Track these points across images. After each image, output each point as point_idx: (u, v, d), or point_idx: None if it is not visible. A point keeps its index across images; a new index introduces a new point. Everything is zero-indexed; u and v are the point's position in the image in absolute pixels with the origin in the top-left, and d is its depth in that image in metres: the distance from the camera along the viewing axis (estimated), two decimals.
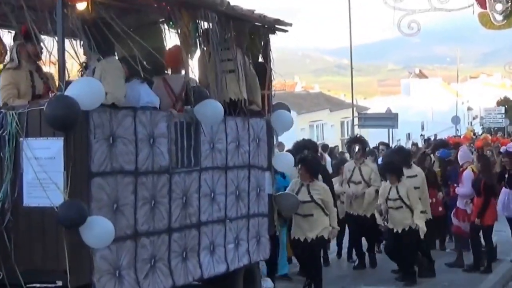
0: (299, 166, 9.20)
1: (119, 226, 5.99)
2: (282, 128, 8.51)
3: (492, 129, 53.83)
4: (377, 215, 10.52)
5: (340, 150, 26.81)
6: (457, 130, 48.73)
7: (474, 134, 36.99)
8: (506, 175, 11.71)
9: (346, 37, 38.24)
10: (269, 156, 8.36)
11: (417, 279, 10.35)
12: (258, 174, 8.13)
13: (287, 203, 8.65)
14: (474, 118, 77.25)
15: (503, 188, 11.71)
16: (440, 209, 12.27)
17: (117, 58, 6.82)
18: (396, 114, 36.29)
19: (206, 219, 7.22)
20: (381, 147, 16.53)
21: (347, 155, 14.52)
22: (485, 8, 10.89)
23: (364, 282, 10.56)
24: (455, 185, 12.15)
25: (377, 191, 11.00)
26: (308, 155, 9.59)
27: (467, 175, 11.59)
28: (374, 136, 38.62)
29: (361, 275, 11.10)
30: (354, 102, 44.07)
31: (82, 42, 6.42)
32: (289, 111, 8.80)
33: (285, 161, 8.63)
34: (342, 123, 54.85)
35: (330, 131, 53.68)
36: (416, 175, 11.08)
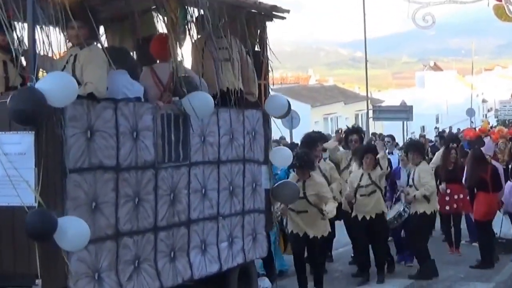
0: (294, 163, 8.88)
1: (98, 225, 5.62)
2: (276, 112, 8.05)
3: (506, 121, 53.31)
4: (345, 203, 10.17)
5: None
6: (472, 122, 48.37)
7: (491, 126, 36.49)
8: (510, 167, 11.48)
9: (360, 30, 38.01)
10: (266, 149, 7.96)
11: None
12: (254, 168, 7.73)
13: (287, 192, 8.22)
14: (489, 111, 76.67)
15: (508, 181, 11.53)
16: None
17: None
18: (411, 107, 36.26)
19: (196, 216, 6.83)
20: (386, 139, 16.25)
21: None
22: (500, 1, 10.96)
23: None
24: None
25: None
26: (301, 152, 9.18)
27: None
28: (388, 129, 38.39)
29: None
30: (369, 95, 43.92)
31: (65, 29, 6.03)
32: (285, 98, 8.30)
33: (282, 156, 8.21)
34: (356, 116, 55.00)
35: (345, 123, 53.60)
36: None
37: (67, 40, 6.19)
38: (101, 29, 8.47)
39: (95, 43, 6.28)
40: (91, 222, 5.51)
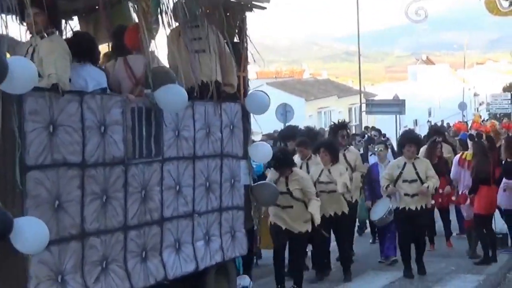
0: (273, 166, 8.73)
1: (62, 225, 5.33)
2: (257, 110, 7.74)
3: (498, 115, 53.39)
4: None
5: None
6: (464, 116, 48.51)
7: (482, 120, 36.59)
8: (504, 163, 11.32)
9: (354, 24, 38.12)
10: (245, 144, 7.66)
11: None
12: (232, 163, 7.44)
13: (265, 194, 7.96)
14: (480, 104, 76.88)
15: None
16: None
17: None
18: (403, 101, 36.63)
19: (170, 214, 6.53)
20: (373, 132, 16.06)
21: None
22: None
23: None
24: None
25: (362, 176, 10.86)
26: (277, 152, 8.90)
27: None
28: (381, 122, 38.46)
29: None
30: (362, 89, 44.09)
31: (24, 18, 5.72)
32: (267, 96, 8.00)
33: (262, 151, 7.92)
34: (350, 110, 55.30)
35: (338, 117, 53.73)
36: None
37: (27, 31, 5.86)
38: (75, 19, 8.29)
39: (57, 33, 5.93)
40: (54, 222, 5.23)
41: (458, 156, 11.98)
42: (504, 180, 11.04)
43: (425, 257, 10.55)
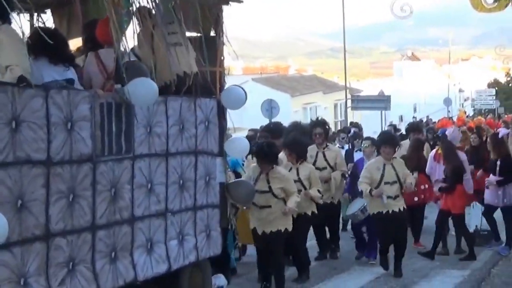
0: (255, 154, 8.48)
1: (25, 225, 5.09)
2: (233, 105, 7.52)
3: (483, 111, 53.59)
4: None
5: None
6: (449, 111, 48.69)
7: (467, 116, 36.74)
8: (499, 163, 11.35)
9: (339, 20, 38.06)
10: (221, 140, 7.44)
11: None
12: (207, 160, 7.22)
13: (242, 192, 7.75)
14: (465, 100, 77.25)
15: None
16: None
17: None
18: (389, 96, 36.97)
19: (141, 213, 6.31)
20: (353, 129, 16.00)
21: None
22: None
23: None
24: None
25: (343, 175, 10.65)
26: (263, 141, 8.72)
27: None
28: (367, 118, 38.57)
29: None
30: (347, 85, 44.13)
31: None
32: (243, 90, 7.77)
33: (238, 147, 7.69)
34: (335, 105, 55.48)
35: (324, 113, 54.14)
36: None
37: None
38: (48, 12, 8.07)
39: (6, 24, 5.56)
40: (17, 222, 5.00)
41: (434, 151, 11.92)
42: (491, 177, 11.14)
43: (411, 253, 10.57)
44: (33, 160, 5.18)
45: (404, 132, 17.67)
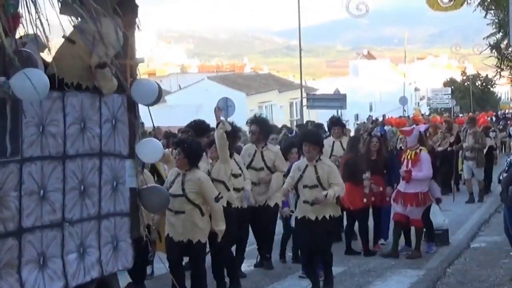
0: (176, 150, 7.80)
1: None
2: (144, 99, 6.59)
3: (439, 110, 53.82)
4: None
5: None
6: (405, 110, 49.00)
7: (422, 114, 36.76)
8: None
9: (295, 18, 38.05)
10: (132, 141, 6.56)
11: None
12: (114, 163, 6.36)
13: (154, 199, 6.80)
14: (421, 99, 77.92)
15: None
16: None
17: None
18: (344, 95, 37.46)
19: (31, 224, 5.49)
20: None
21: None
22: None
23: None
24: None
25: (284, 176, 9.94)
26: (187, 137, 8.16)
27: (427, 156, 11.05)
28: (323, 117, 38.29)
29: None
30: (303, 83, 44.35)
31: None
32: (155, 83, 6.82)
33: (150, 149, 6.73)
34: (291, 104, 55.99)
35: (279, 112, 54.59)
36: None
37: None
38: None
39: None
40: None
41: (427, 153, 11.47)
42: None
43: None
44: None
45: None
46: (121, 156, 6.40)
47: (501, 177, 9.72)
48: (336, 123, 13.16)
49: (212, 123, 10.48)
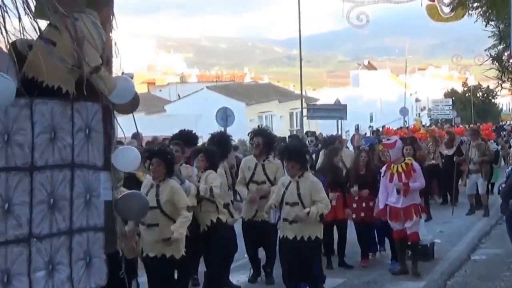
0: (151, 161, 7.58)
1: None
2: (120, 97, 6.12)
3: (439, 121, 53.66)
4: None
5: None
6: (405, 121, 48.95)
7: (423, 125, 36.63)
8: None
9: (296, 28, 37.97)
10: (107, 151, 6.16)
11: None
12: (88, 175, 5.98)
13: (132, 206, 6.37)
14: (422, 110, 77.74)
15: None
16: None
17: None
18: (345, 106, 37.23)
19: None
20: (309, 138, 15.37)
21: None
22: (433, 1, 10.88)
23: None
24: None
25: None
26: (162, 147, 8.07)
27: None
28: (323, 127, 38.20)
29: None
30: (303, 93, 44.25)
31: None
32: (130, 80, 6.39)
33: (127, 158, 6.32)
34: (291, 114, 55.85)
35: (279, 122, 54.46)
36: None
37: None
38: None
39: None
40: None
41: (384, 169, 11.02)
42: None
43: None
44: None
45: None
46: (95, 168, 6.03)
47: (500, 188, 9.54)
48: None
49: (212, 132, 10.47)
